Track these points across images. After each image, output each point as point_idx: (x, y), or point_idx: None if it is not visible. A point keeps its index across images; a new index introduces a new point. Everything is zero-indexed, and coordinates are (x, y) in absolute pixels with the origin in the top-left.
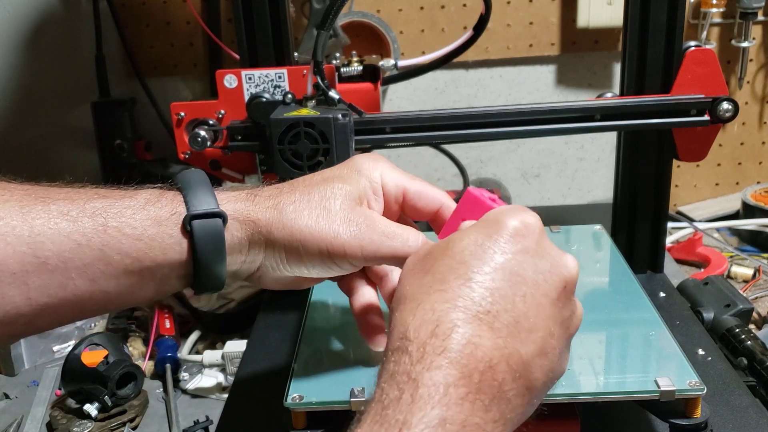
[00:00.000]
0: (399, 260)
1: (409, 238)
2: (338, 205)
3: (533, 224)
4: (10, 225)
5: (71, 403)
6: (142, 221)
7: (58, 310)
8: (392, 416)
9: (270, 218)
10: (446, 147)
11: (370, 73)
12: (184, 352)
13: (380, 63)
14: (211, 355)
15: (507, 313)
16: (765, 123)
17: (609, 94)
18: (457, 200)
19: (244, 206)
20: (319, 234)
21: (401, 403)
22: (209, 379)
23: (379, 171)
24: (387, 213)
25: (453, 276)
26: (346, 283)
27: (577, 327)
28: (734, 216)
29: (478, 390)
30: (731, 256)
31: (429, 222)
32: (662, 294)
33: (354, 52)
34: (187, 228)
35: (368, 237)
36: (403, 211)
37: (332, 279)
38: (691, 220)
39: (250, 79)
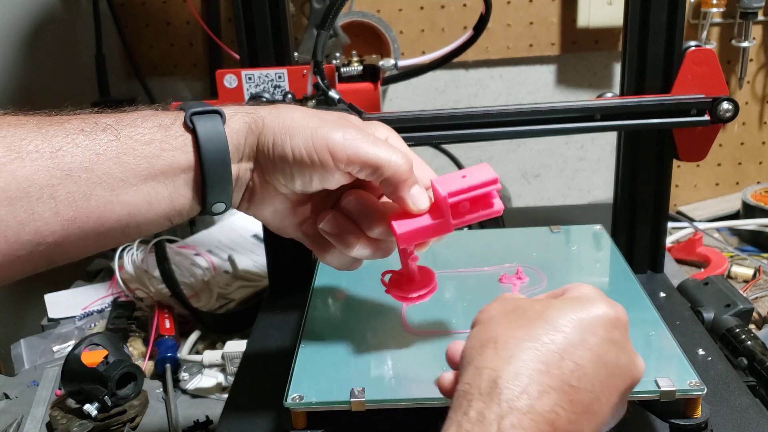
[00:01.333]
0: (380, 172)
1: (394, 155)
2: (334, 116)
3: (624, 318)
4: (33, 143)
5: (71, 403)
6: (149, 128)
7: (84, 227)
8: None
9: (268, 113)
10: (446, 147)
11: (370, 73)
12: (184, 352)
13: (380, 63)
14: (211, 355)
15: (586, 392)
16: (765, 123)
17: (609, 94)
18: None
19: (244, 107)
20: (307, 124)
21: None
22: (209, 379)
23: (387, 132)
24: None
25: (548, 340)
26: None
27: (619, 418)
28: (734, 216)
29: None
30: (731, 256)
31: None
32: (662, 294)
33: (354, 52)
34: (189, 125)
35: (353, 136)
36: None
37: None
38: (691, 220)
39: (250, 78)
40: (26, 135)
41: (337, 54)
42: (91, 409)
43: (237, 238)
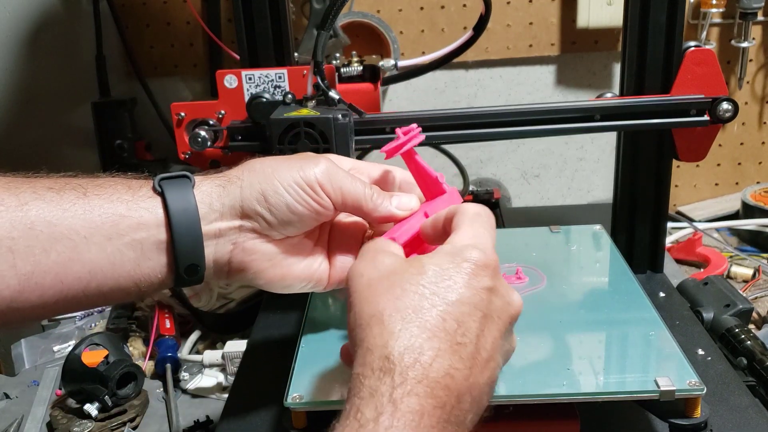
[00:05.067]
0: (360, 207)
1: (366, 187)
2: (300, 159)
3: (493, 261)
4: (0, 197)
5: (71, 403)
6: (118, 190)
7: (42, 284)
8: None
9: (241, 172)
10: (446, 147)
11: (370, 74)
12: (184, 352)
13: (380, 63)
14: (211, 355)
15: (471, 345)
16: (765, 123)
17: (609, 94)
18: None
19: (211, 174)
20: (289, 170)
21: (379, 424)
22: (209, 379)
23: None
24: None
25: (428, 305)
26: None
27: (510, 356)
28: (734, 216)
29: (447, 420)
30: (731, 256)
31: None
32: (662, 294)
33: (354, 52)
34: (157, 188)
35: (334, 172)
36: None
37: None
38: (690, 220)
39: (250, 79)
40: None
41: (337, 54)
42: (91, 408)
43: None
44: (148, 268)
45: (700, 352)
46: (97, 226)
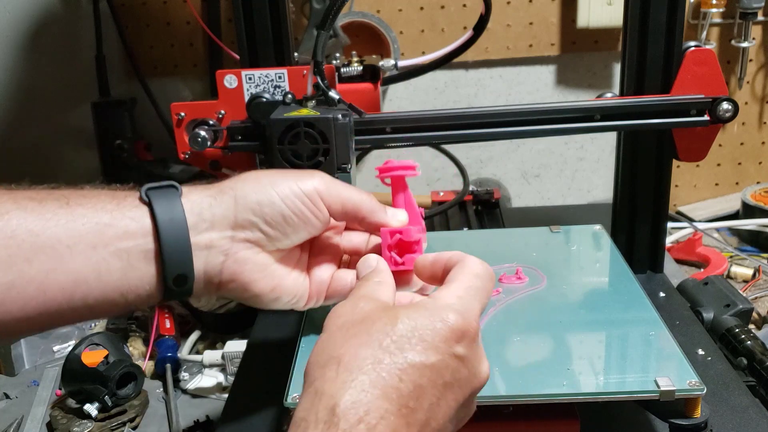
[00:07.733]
0: (359, 210)
1: (363, 194)
2: (295, 173)
3: (473, 329)
4: None
5: (71, 403)
6: (102, 200)
7: (23, 294)
8: None
9: (234, 183)
10: (446, 147)
11: (370, 73)
12: (184, 352)
13: (380, 63)
14: (211, 355)
15: (423, 411)
16: (765, 123)
17: (609, 94)
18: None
19: (201, 185)
20: (285, 182)
21: None
22: (209, 379)
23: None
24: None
25: (389, 360)
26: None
27: (465, 422)
28: (734, 216)
29: None
30: (731, 256)
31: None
32: (662, 294)
33: (354, 52)
34: (144, 197)
35: (331, 182)
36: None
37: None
38: (690, 220)
39: (250, 79)
40: None
41: (337, 54)
42: (91, 409)
43: None
44: (136, 279)
45: (700, 352)
46: (80, 235)
